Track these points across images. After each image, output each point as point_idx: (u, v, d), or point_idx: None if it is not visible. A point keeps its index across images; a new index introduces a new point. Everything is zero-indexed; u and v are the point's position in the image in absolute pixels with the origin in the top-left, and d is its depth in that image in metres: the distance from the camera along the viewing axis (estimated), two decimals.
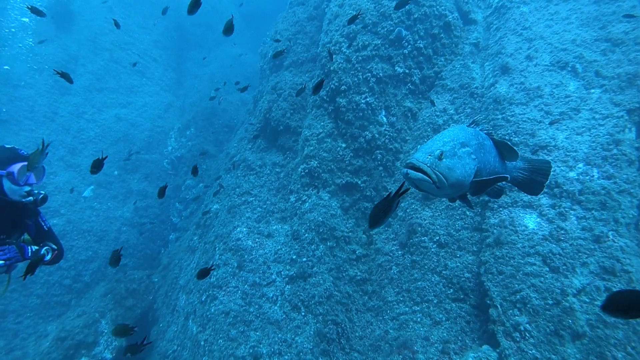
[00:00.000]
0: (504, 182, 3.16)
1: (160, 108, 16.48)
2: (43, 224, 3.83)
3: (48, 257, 3.62)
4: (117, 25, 7.65)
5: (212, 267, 4.46)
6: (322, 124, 7.60)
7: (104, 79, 15.66)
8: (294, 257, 6.66)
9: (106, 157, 3.71)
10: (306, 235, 6.76)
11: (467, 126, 3.15)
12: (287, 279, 6.53)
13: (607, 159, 5.74)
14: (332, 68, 7.66)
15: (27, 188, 3.48)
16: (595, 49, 7.05)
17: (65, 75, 5.18)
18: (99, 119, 14.58)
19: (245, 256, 6.96)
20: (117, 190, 13.24)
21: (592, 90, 6.57)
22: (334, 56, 7.71)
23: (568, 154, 5.97)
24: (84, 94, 14.80)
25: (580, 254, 5.04)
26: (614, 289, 4.71)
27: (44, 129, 13.32)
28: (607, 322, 4.55)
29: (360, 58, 7.66)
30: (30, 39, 14.88)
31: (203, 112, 15.70)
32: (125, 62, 16.80)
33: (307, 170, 7.29)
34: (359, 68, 7.61)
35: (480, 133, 3.10)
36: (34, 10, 5.87)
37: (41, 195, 3.55)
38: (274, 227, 7.44)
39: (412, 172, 2.54)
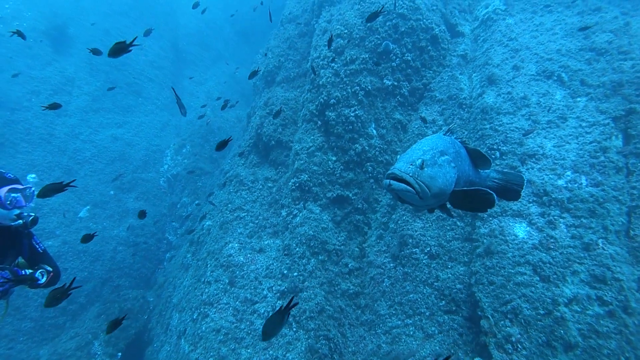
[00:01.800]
0: None
1: (157, 127, 16.58)
2: (37, 246, 3.77)
3: (43, 280, 3.55)
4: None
5: (95, 234, 4.27)
6: (312, 137, 7.63)
7: (100, 99, 15.80)
8: (285, 271, 6.61)
9: (70, 182, 3.50)
10: (297, 249, 6.72)
11: (443, 134, 3.15)
12: (278, 294, 6.47)
13: (594, 167, 5.73)
14: (320, 82, 7.73)
15: (17, 211, 3.45)
16: (580, 59, 7.11)
17: (53, 106, 5.25)
18: (96, 139, 14.66)
19: (237, 272, 6.91)
20: (113, 210, 13.22)
21: (578, 99, 6.61)
22: (322, 70, 7.79)
23: (556, 162, 5.96)
24: (80, 115, 14.91)
25: (570, 263, 4.99)
26: (605, 298, 4.65)
27: (40, 150, 13.39)
28: (600, 332, 4.48)
29: (348, 72, 7.73)
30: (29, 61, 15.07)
31: (199, 130, 15.80)
32: (122, 82, 16.97)
33: (297, 184, 7.29)
34: (347, 82, 7.67)
35: (456, 141, 3.09)
36: (19, 34, 5.97)
37: (31, 218, 3.50)
38: (266, 242, 7.40)
39: (394, 183, 2.45)
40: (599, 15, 7.60)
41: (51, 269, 3.68)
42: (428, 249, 6.22)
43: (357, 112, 7.53)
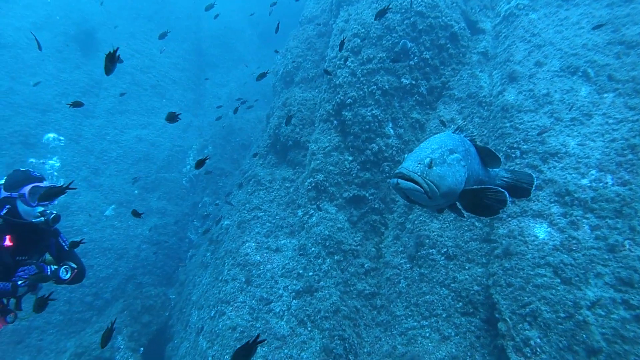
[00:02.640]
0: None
1: (180, 128, 16.91)
2: (64, 243, 3.86)
3: (67, 276, 3.66)
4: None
5: (82, 241, 4.35)
6: (328, 137, 7.62)
7: (126, 101, 16.24)
8: (301, 271, 6.62)
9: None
10: (313, 249, 6.71)
11: (452, 132, 3.07)
12: (293, 293, 6.48)
13: (621, 165, 5.49)
14: (337, 82, 7.71)
15: (40, 208, 3.53)
16: (607, 53, 6.84)
17: (76, 104, 5.43)
18: (121, 140, 15.07)
19: (253, 271, 6.96)
20: (137, 208, 13.53)
21: (605, 95, 6.36)
22: (338, 70, 7.76)
23: (580, 160, 5.75)
24: (106, 116, 15.37)
25: (593, 265, 4.80)
26: (632, 302, 4.45)
27: (69, 150, 13.87)
28: (626, 337, 4.29)
29: (365, 71, 7.68)
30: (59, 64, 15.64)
31: (221, 131, 16.01)
32: (146, 84, 17.41)
33: (313, 184, 7.29)
34: (364, 81, 7.62)
35: (465, 139, 3.02)
36: (37, 43, 6.19)
37: (52, 215, 3.55)
38: (283, 242, 7.43)
39: (402, 182, 2.34)
40: (631, 7, 7.28)
41: (75, 266, 3.77)
42: (445, 249, 6.11)
43: (374, 112, 7.48)
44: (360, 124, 7.44)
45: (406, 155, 2.44)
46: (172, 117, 4.42)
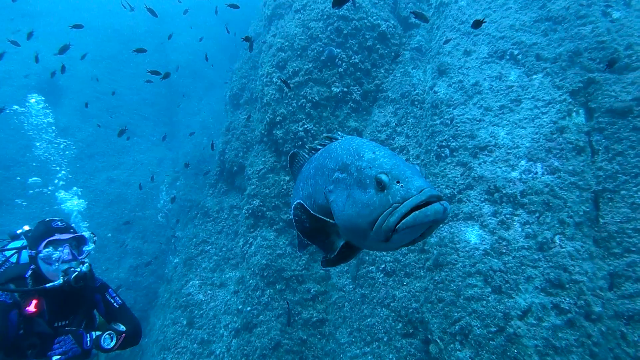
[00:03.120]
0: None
1: (153, 163, 16.73)
2: (112, 300, 3.25)
3: (111, 345, 3.04)
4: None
5: None
6: (263, 159, 7.27)
7: (94, 144, 16.14)
8: (240, 306, 6.22)
9: None
10: (250, 281, 6.32)
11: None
12: (233, 332, 6.08)
13: (551, 151, 5.04)
14: (265, 101, 7.39)
15: (64, 266, 2.94)
16: (535, 31, 6.42)
17: None
18: (91, 185, 14.91)
19: (195, 311, 6.59)
20: (111, 252, 13.31)
21: (534, 77, 5.93)
22: (266, 88, 7.45)
23: (509, 151, 5.31)
24: (74, 163, 15.24)
25: (524, 267, 4.34)
26: (562, 305, 3.97)
27: (37, 203, 13.72)
28: (557, 347, 3.81)
29: (292, 85, 7.35)
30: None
31: (191, 161, 15.77)
32: (115, 124, 17.28)
33: (250, 211, 6.93)
34: (292, 96, 7.29)
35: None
36: None
37: (74, 274, 2.89)
38: (228, 275, 7.06)
39: (448, 206, 1.56)
40: None
41: (124, 329, 3.14)
42: (383, 265, 5.68)
43: (306, 126, 7.12)
44: (292, 141, 7.08)
45: (400, 171, 1.62)
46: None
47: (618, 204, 4.61)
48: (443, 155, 5.81)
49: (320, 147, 2.42)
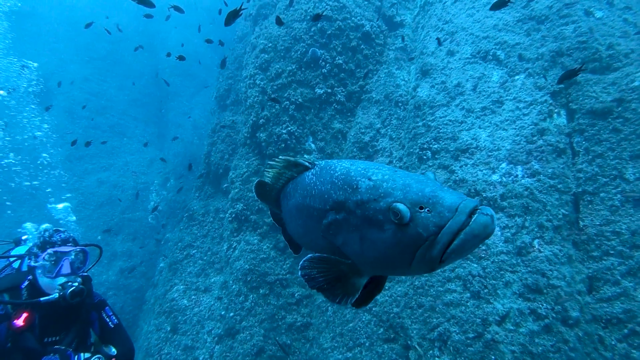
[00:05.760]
0: None
1: (143, 164, 16.61)
2: (108, 320, 3.09)
3: None
4: None
5: None
6: (246, 162, 7.21)
7: (84, 146, 16.00)
8: (223, 312, 6.18)
9: None
10: (234, 286, 6.28)
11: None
12: (217, 338, 6.03)
13: (531, 153, 5.00)
14: (248, 103, 7.32)
15: (62, 279, 2.79)
16: (518, 31, 6.37)
17: None
18: (81, 187, 14.80)
19: (179, 317, 6.53)
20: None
21: (516, 77, 5.88)
22: (249, 90, 7.37)
23: (490, 154, 5.27)
24: (63, 165, 15.13)
25: (502, 272, 4.30)
26: (540, 311, 3.95)
27: (27, 206, 13.62)
28: (534, 353, 3.78)
29: (275, 87, 7.28)
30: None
31: (182, 161, 15.69)
32: (105, 126, 17.19)
33: (234, 215, 6.87)
34: (276, 98, 7.21)
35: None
36: None
37: (70, 289, 2.72)
38: (212, 280, 7.01)
39: (491, 212, 1.31)
40: None
41: (114, 353, 2.99)
42: None
43: (289, 129, 7.06)
44: (276, 144, 7.02)
45: (448, 193, 1.32)
46: None
47: (598, 206, 4.58)
48: (425, 157, 5.76)
49: (284, 175, 1.99)
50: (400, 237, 1.30)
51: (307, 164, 1.83)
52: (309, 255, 1.52)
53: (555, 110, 5.28)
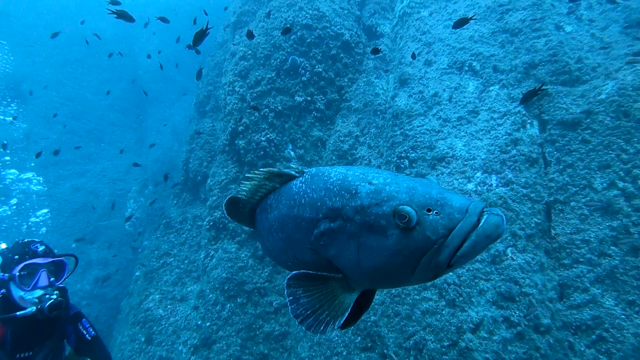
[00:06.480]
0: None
1: (121, 170, 16.30)
2: (85, 332, 3.00)
3: None
4: None
5: None
6: (225, 170, 7.15)
7: (60, 151, 15.60)
8: (199, 322, 6.07)
9: None
10: (210, 295, 6.19)
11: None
12: (192, 348, 5.93)
13: (505, 163, 5.11)
14: (227, 110, 7.27)
15: (39, 292, 2.70)
16: (493, 43, 6.53)
17: None
18: (55, 194, 14.42)
19: (154, 327, 6.40)
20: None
21: (491, 88, 6.02)
22: (228, 97, 7.33)
23: (466, 163, 5.36)
24: (37, 170, 14.73)
25: (477, 281, 4.37)
26: (512, 318, 4.01)
27: None
28: None
29: (255, 95, 7.26)
30: None
31: (161, 168, 15.45)
32: (82, 131, 16.82)
33: (212, 223, 6.79)
34: (255, 105, 7.19)
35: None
36: None
37: (49, 302, 2.63)
38: (189, 289, 6.90)
39: (500, 212, 1.28)
40: None
41: None
42: None
43: (268, 136, 7.04)
44: (254, 151, 6.99)
45: (448, 194, 1.30)
46: None
47: (568, 215, 4.70)
48: (402, 166, 5.82)
49: (264, 187, 1.86)
50: (405, 243, 1.24)
51: (293, 172, 1.71)
52: (294, 272, 1.43)
53: (529, 121, 5.42)
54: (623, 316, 3.96)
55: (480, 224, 1.16)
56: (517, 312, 4.00)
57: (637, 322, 3.89)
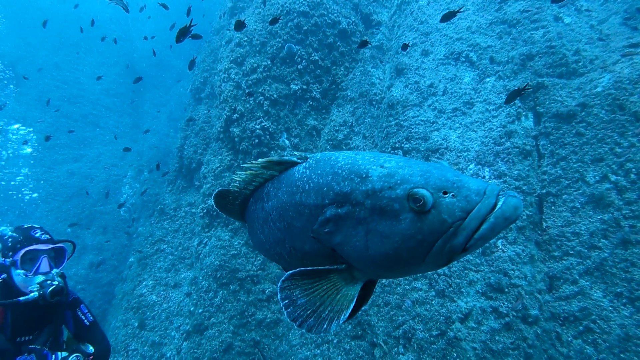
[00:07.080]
0: None
1: (117, 156, 16.21)
2: (83, 317, 3.03)
3: None
4: None
5: None
6: (219, 157, 7.12)
7: (54, 135, 15.47)
8: (192, 308, 6.11)
9: None
10: (203, 282, 6.21)
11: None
12: (184, 334, 5.97)
13: (499, 155, 5.11)
14: (222, 97, 7.22)
15: (40, 278, 2.74)
16: (490, 34, 6.48)
17: None
18: (50, 178, 14.36)
19: (148, 313, 6.44)
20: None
21: (487, 79, 5.98)
22: (223, 84, 7.27)
23: (460, 154, 5.36)
24: (32, 155, 14.65)
25: (467, 272, 4.40)
26: (501, 309, 4.06)
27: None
28: (494, 350, 3.89)
29: (250, 82, 7.20)
30: None
31: (157, 153, 15.40)
32: (77, 115, 16.69)
33: (205, 210, 6.79)
34: (250, 92, 7.14)
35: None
36: None
37: (51, 288, 2.68)
38: (183, 275, 6.92)
39: (517, 194, 1.29)
40: None
41: (92, 351, 2.94)
42: None
43: (263, 124, 7.00)
44: (249, 139, 6.95)
45: (461, 176, 1.28)
46: None
47: (560, 207, 4.72)
48: None
49: (261, 176, 1.78)
50: (419, 227, 1.21)
51: (295, 159, 1.64)
52: (289, 272, 1.37)
53: (523, 113, 5.41)
54: (610, 308, 4.01)
55: (499, 205, 1.14)
56: (506, 303, 4.04)
57: (623, 314, 3.94)
